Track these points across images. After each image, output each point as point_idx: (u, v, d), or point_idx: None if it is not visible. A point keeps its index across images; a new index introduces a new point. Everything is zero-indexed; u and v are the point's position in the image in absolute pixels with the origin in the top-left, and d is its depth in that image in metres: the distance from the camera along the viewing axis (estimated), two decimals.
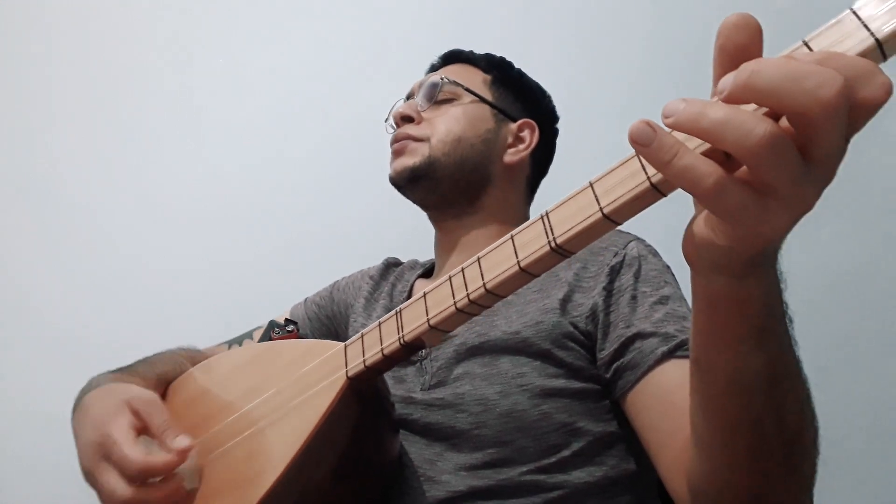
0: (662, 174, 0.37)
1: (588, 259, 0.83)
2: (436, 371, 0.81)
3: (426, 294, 0.58)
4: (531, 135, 0.99)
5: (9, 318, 1.54)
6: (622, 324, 0.75)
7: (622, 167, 0.43)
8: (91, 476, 0.68)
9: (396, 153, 0.96)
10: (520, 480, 0.72)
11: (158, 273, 1.56)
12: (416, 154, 0.93)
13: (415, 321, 0.58)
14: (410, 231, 1.08)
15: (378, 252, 1.14)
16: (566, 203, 0.47)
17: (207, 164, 1.63)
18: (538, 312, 0.80)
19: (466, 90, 0.97)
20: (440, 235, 1.00)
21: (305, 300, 1.10)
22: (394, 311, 0.61)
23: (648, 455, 0.71)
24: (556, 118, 1.06)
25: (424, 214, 1.01)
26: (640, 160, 0.42)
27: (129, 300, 1.54)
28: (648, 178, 0.41)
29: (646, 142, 0.36)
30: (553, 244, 0.47)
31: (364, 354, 0.62)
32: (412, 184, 0.94)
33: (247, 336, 1.05)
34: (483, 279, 0.52)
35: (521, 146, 0.98)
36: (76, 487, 0.71)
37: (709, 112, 0.34)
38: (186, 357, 0.93)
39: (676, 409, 0.66)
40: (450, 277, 0.56)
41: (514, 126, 0.99)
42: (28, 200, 1.63)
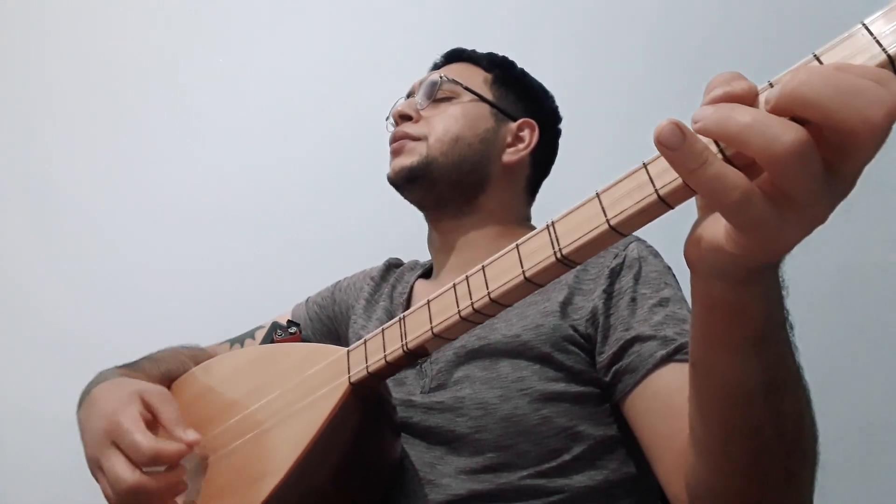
0: (685, 180, 0.36)
1: (588, 261, 0.82)
2: (436, 374, 0.81)
3: (430, 301, 0.58)
4: (531, 134, 0.98)
5: (8, 318, 1.54)
6: (621, 326, 0.75)
7: (629, 179, 0.43)
8: (96, 463, 0.68)
9: (394, 153, 0.96)
10: (520, 484, 0.72)
11: (158, 273, 1.55)
12: (414, 154, 0.93)
13: (418, 328, 0.58)
14: (411, 231, 1.08)
15: (379, 251, 1.13)
16: (572, 213, 0.47)
17: (207, 164, 1.62)
18: (538, 315, 0.80)
19: (466, 89, 0.97)
20: (438, 236, 0.99)
21: (307, 300, 1.09)
22: (397, 318, 0.61)
23: (647, 459, 0.71)
24: (559, 119, 1.06)
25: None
26: (648, 172, 0.42)
27: (130, 300, 1.53)
28: (656, 191, 0.41)
29: (674, 145, 0.34)
30: (559, 255, 0.47)
31: (367, 360, 0.62)
32: (410, 183, 0.94)
33: (248, 336, 1.05)
34: (488, 288, 0.52)
35: (521, 146, 0.97)
36: (78, 487, 0.71)
37: (737, 116, 0.33)
38: (189, 356, 0.93)
39: (675, 413, 0.66)
40: (454, 285, 0.56)
41: (514, 125, 0.98)
42: (27, 200, 1.63)
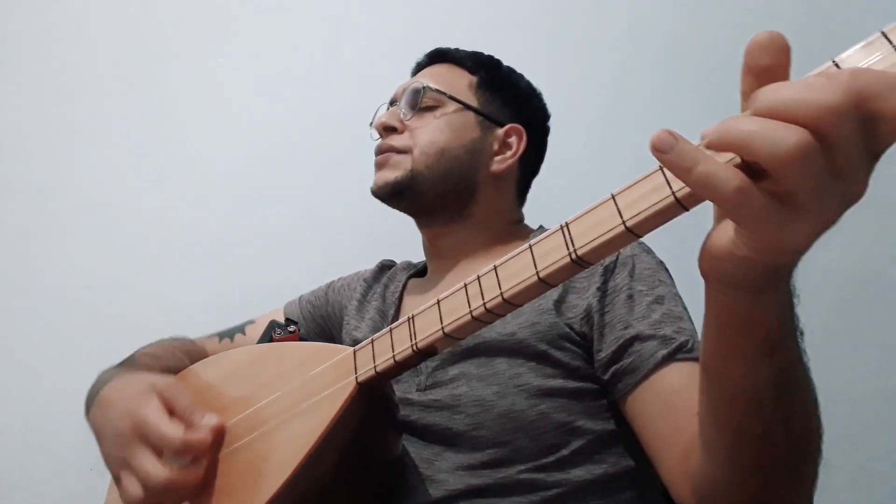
0: (683, 182, 0.38)
1: None
2: (431, 372, 0.81)
3: (440, 301, 0.58)
4: (518, 141, 0.96)
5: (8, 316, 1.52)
6: (619, 325, 0.76)
7: (646, 180, 0.43)
8: (121, 465, 0.67)
9: (378, 166, 0.94)
10: (518, 479, 0.73)
11: (153, 269, 1.54)
12: (399, 168, 0.91)
13: (429, 328, 0.58)
14: (404, 230, 1.08)
15: (372, 248, 1.14)
16: (587, 214, 0.47)
17: (204, 161, 1.61)
18: (533, 313, 0.80)
19: (450, 98, 0.94)
20: (428, 242, 0.99)
21: (300, 298, 1.09)
22: (406, 318, 0.61)
23: (649, 457, 0.72)
24: (547, 116, 1.04)
25: None
26: (665, 174, 0.42)
27: (127, 298, 1.52)
28: (673, 193, 0.41)
29: (666, 149, 0.37)
30: (574, 255, 0.47)
31: (375, 360, 0.62)
32: (395, 197, 0.93)
33: (238, 330, 1.04)
34: (500, 288, 0.52)
35: (508, 153, 0.96)
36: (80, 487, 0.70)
37: (739, 124, 0.35)
38: (183, 351, 0.93)
39: (677, 413, 0.67)
40: (465, 285, 0.56)
41: (501, 132, 0.96)
42: (27, 198, 1.60)
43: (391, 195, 0.92)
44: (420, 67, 1.04)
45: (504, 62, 1.03)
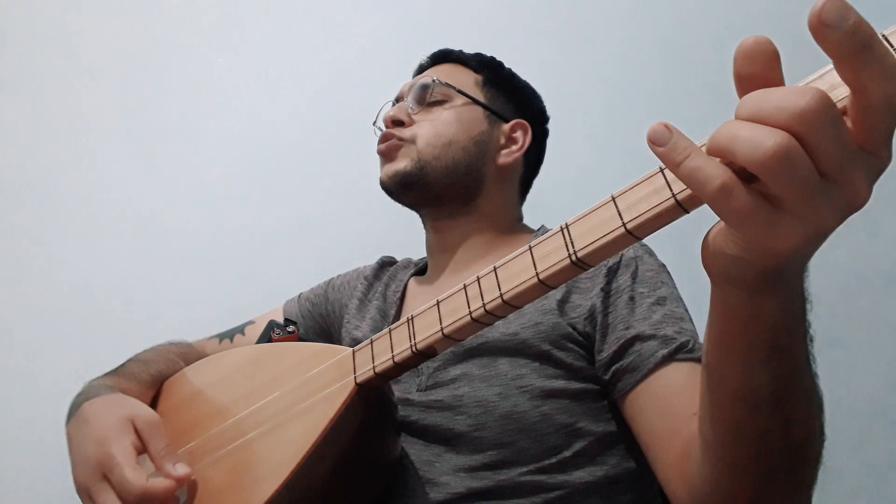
0: (675, 174, 0.38)
1: None
2: (432, 372, 0.81)
3: (440, 302, 0.58)
4: (524, 135, 0.98)
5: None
6: (621, 325, 0.76)
7: (646, 182, 0.43)
8: (86, 493, 0.67)
9: (385, 155, 0.94)
10: (519, 481, 0.72)
11: (154, 269, 1.54)
12: (406, 158, 0.92)
13: (428, 329, 0.57)
14: (405, 228, 1.08)
15: (370, 246, 1.13)
16: (587, 216, 0.47)
17: (204, 160, 1.61)
18: (536, 313, 0.80)
19: (459, 91, 0.96)
20: (434, 236, 0.99)
21: (299, 296, 1.09)
22: (405, 319, 0.61)
23: (647, 457, 0.71)
24: (547, 118, 1.06)
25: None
26: (665, 176, 0.42)
27: (128, 292, 1.52)
28: (674, 195, 0.41)
29: (661, 142, 0.37)
30: (574, 257, 0.47)
31: (374, 361, 0.62)
32: (404, 188, 0.93)
33: (238, 331, 1.04)
34: (500, 289, 0.52)
35: (515, 147, 0.97)
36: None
37: (727, 129, 0.36)
38: (178, 354, 0.92)
39: (675, 413, 0.67)
40: (465, 286, 0.56)
41: (507, 127, 0.98)
42: (27, 198, 1.60)
43: (400, 185, 0.92)
44: (423, 69, 1.04)
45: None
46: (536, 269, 0.50)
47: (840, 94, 0.36)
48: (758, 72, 0.37)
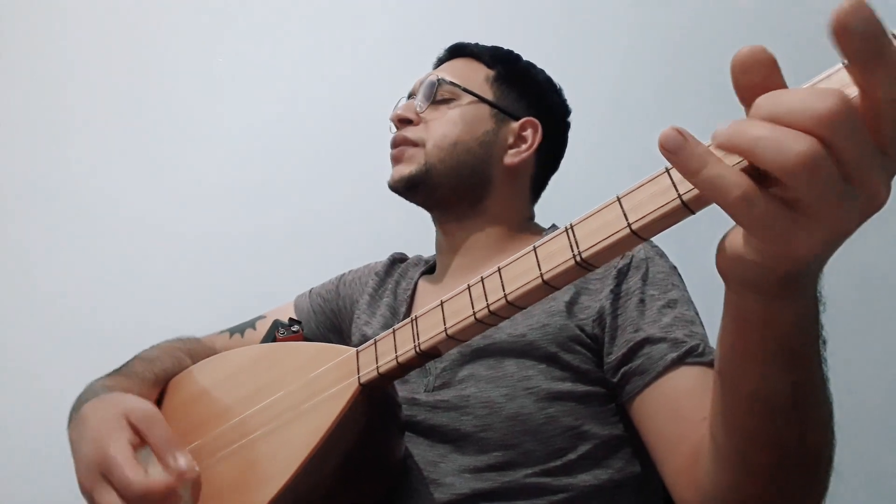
0: (690, 183, 0.37)
1: None
2: (440, 372, 0.81)
3: (444, 302, 0.57)
4: (534, 134, 0.96)
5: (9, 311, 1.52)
6: (630, 328, 0.75)
7: (651, 183, 0.43)
8: (89, 494, 0.66)
9: (394, 159, 0.95)
10: (524, 483, 0.72)
11: (160, 263, 1.54)
12: (413, 161, 0.92)
13: (432, 330, 0.57)
14: (415, 224, 1.08)
15: (381, 243, 1.13)
16: (592, 217, 0.46)
17: (206, 160, 1.61)
18: (544, 315, 0.79)
19: (464, 90, 0.95)
20: (443, 236, 0.99)
21: (310, 291, 1.09)
22: (409, 319, 0.61)
23: (653, 460, 0.71)
24: (567, 112, 1.04)
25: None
26: (671, 176, 0.42)
27: (131, 293, 1.52)
28: (679, 196, 0.41)
29: (675, 149, 0.36)
30: (578, 258, 0.46)
31: (377, 361, 0.62)
32: (410, 191, 0.94)
33: (249, 325, 1.04)
34: (504, 290, 0.52)
35: (523, 146, 0.96)
36: None
37: (748, 129, 0.35)
38: (185, 351, 0.92)
39: (684, 417, 0.67)
40: (469, 287, 0.55)
41: (516, 125, 0.96)
42: (26, 199, 1.61)
43: (406, 189, 0.93)
44: (440, 62, 1.04)
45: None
46: (541, 270, 0.49)
47: (850, 95, 0.35)
48: (757, 82, 0.36)
